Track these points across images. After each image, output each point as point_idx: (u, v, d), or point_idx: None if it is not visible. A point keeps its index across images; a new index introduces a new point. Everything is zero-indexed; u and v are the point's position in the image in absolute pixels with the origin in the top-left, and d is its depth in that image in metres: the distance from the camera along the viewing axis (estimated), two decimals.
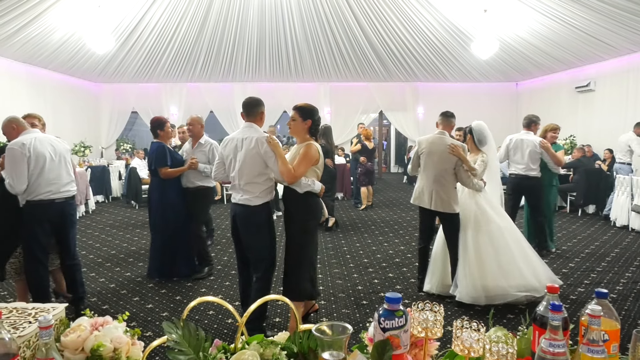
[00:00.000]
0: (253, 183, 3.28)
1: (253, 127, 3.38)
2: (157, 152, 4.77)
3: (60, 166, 3.64)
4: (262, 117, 3.47)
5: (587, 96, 10.69)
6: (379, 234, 6.98)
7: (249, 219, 3.32)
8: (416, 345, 1.20)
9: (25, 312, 1.30)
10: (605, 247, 6.08)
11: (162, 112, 13.57)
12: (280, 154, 3.24)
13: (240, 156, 3.28)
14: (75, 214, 3.91)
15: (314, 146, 3.29)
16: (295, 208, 3.32)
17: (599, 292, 1.16)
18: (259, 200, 3.30)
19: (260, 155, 3.23)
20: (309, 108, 3.39)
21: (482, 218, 4.10)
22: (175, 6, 9.03)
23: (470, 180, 4.06)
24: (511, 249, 4.06)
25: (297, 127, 3.35)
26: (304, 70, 12.52)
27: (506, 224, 4.22)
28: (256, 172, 3.27)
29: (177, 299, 4.30)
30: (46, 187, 3.54)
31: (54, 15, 7.93)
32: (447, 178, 4.06)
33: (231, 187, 3.44)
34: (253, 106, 3.42)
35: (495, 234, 4.06)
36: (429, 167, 4.14)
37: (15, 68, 9.65)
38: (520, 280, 3.95)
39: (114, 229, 7.49)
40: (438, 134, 4.19)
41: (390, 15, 9.53)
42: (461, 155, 3.99)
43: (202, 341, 1.20)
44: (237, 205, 3.35)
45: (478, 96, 13.47)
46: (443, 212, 4.09)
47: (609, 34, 8.22)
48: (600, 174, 8.40)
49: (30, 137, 3.52)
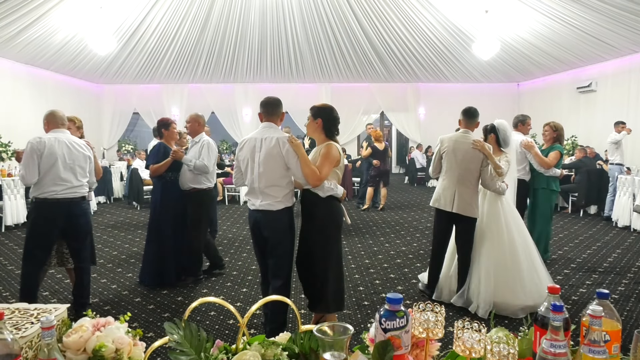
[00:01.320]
0: (274, 186, 3.07)
1: (273, 126, 3.19)
2: (153, 151, 4.78)
3: (71, 170, 3.67)
4: (282, 118, 3.29)
5: (588, 96, 10.68)
6: (380, 234, 6.98)
7: (272, 225, 3.10)
8: (417, 345, 1.20)
9: (28, 312, 1.30)
10: (607, 247, 6.06)
11: (164, 113, 13.59)
12: (303, 154, 3.04)
13: (260, 157, 3.08)
14: (85, 217, 3.82)
15: (334, 146, 3.12)
16: (318, 213, 3.13)
17: (601, 292, 1.16)
18: (280, 204, 3.09)
19: (282, 156, 3.03)
20: (320, 106, 3.27)
21: (501, 229, 3.87)
22: (177, 7, 9.05)
23: (495, 182, 3.81)
24: (521, 267, 3.83)
25: (310, 127, 3.27)
26: (305, 71, 12.54)
27: (523, 238, 3.97)
28: (278, 174, 3.07)
29: (179, 300, 4.30)
30: (51, 186, 3.58)
31: (56, 16, 7.96)
32: (471, 179, 3.83)
33: (248, 191, 3.18)
34: (275, 106, 3.23)
35: (509, 249, 3.84)
36: (452, 167, 3.90)
37: (18, 69, 9.68)
38: (525, 301, 3.73)
39: (116, 230, 7.50)
40: (462, 132, 3.96)
41: (392, 16, 9.53)
42: (486, 151, 3.76)
43: (204, 342, 1.20)
44: (257, 212, 3.12)
45: (479, 97, 13.42)
46: (463, 216, 3.86)
47: (611, 35, 8.21)
48: (602, 175, 8.39)
49: (53, 136, 3.65)
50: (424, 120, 14.02)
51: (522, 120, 5.42)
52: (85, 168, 3.79)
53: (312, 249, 3.15)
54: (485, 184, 3.86)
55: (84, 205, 3.82)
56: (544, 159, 5.07)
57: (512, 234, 3.89)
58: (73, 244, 3.83)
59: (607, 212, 7.89)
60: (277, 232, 3.11)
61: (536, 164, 5.10)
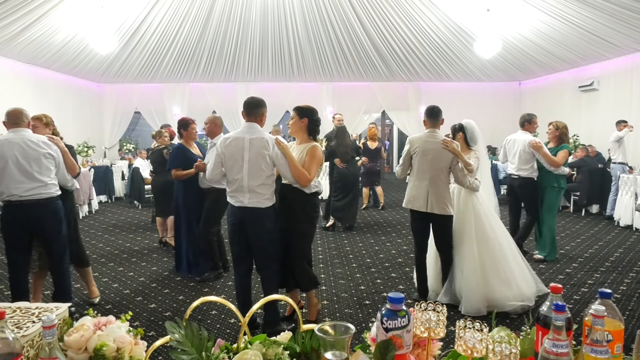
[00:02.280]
0: (264, 185, 3.24)
1: (255, 126, 3.32)
2: (173, 153, 4.96)
3: (27, 170, 3.44)
4: (262, 119, 3.40)
5: (590, 95, 10.65)
6: (381, 233, 6.98)
7: (260, 221, 3.28)
8: (419, 345, 1.20)
9: (29, 311, 1.31)
10: (608, 247, 6.05)
11: (165, 113, 13.62)
12: (290, 156, 3.22)
13: (250, 157, 3.21)
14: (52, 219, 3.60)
15: (319, 147, 3.38)
16: (301, 207, 3.40)
17: (603, 292, 1.16)
18: (268, 202, 3.29)
19: (270, 157, 3.20)
20: (305, 107, 3.48)
21: (479, 225, 3.97)
22: (178, 6, 9.04)
23: (467, 178, 3.94)
24: (507, 258, 3.97)
25: (295, 126, 3.45)
26: (306, 70, 12.52)
27: (501, 231, 4.11)
28: (268, 173, 3.25)
29: (180, 299, 4.31)
30: (11, 189, 3.41)
31: (57, 16, 7.95)
32: (443, 178, 3.93)
33: (234, 188, 3.28)
34: (254, 107, 3.36)
35: (493, 243, 3.95)
36: (423, 168, 3.95)
37: (19, 68, 9.69)
38: (517, 290, 3.87)
39: (117, 229, 7.51)
40: (429, 132, 4.03)
41: (393, 15, 9.51)
42: (456, 151, 3.87)
43: (205, 341, 1.20)
44: (245, 209, 3.25)
45: (481, 96, 13.44)
46: (438, 215, 3.93)
47: (613, 33, 8.18)
48: (603, 174, 8.37)
49: (4, 137, 3.47)
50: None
51: (528, 120, 5.49)
52: (46, 166, 3.52)
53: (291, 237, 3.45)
54: (459, 181, 3.98)
55: (52, 205, 3.57)
56: (553, 158, 5.17)
57: (485, 230, 3.98)
58: (45, 246, 3.67)
59: (609, 212, 7.88)
60: (264, 228, 3.30)
61: (546, 164, 5.19)
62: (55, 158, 3.60)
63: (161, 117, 13.60)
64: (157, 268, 5.31)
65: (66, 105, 11.42)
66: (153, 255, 5.88)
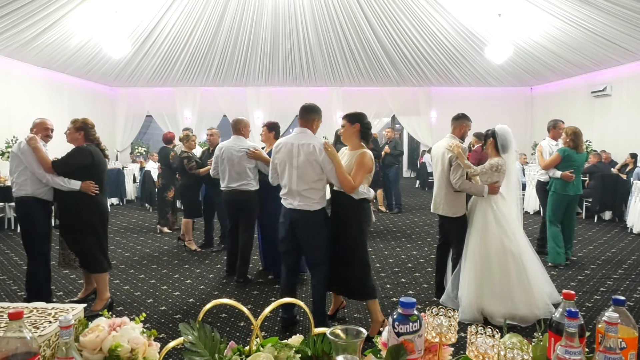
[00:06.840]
0: (313, 189, 3.32)
1: (308, 132, 3.40)
2: None
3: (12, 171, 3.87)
4: (314, 124, 3.46)
5: (603, 101, 10.55)
6: (391, 238, 6.96)
7: (308, 223, 3.36)
8: (430, 350, 1.20)
9: (46, 312, 1.33)
10: (622, 254, 5.97)
11: (176, 117, 13.74)
12: (338, 162, 3.26)
13: (299, 162, 3.30)
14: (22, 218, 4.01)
15: (368, 154, 3.34)
16: (352, 213, 3.40)
17: (616, 299, 1.15)
18: (318, 205, 3.35)
19: (319, 162, 3.26)
20: (355, 113, 3.53)
21: (484, 235, 3.84)
22: (190, 11, 9.14)
23: (461, 183, 3.86)
24: (510, 274, 3.75)
25: (347, 132, 3.45)
26: (316, 74, 12.57)
27: (515, 245, 3.83)
28: (316, 178, 3.31)
29: (190, 302, 4.34)
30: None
31: (71, 21, 8.09)
32: (447, 181, 4.01)
33: (286, 192, 3.41)
34: (307, 112, 3.44)
35: (499, 254, 3.78)
36: (436, 172, 4.17)
37: (34, 72, 9.86)
38: (511, 310, 3.66)
39: (129, 232, 7.57)
40: (446, 137, 4.16)
41: (403, 20, 9.52)
42: (456, 152, 3.88)
43: (218, 343, 1.22)
44: (295, 211, 3.36)
45: (492, 101, 13.37)
46: (446, 217, 4.07)
47: (626, 38, 8.11)
48: (616, 180, 8.27)
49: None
50: (436, 124, 13.94)
51: (553, 125, 5.75)
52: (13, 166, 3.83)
53: (344, 244, 3.43)
54: (452, 183, 3.93)
55: (23, 205, 3.85)
56: (540, 159, 5.53)
57: (500, 239, 3.81)
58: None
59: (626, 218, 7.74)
60: (313, 231, 3.37)
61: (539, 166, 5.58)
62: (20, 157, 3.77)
63: (172, 121, 13.73)
64: (168, 271, 5.34)
65: (80, 108, 11.57)
66: (164, 258, 5.92)
